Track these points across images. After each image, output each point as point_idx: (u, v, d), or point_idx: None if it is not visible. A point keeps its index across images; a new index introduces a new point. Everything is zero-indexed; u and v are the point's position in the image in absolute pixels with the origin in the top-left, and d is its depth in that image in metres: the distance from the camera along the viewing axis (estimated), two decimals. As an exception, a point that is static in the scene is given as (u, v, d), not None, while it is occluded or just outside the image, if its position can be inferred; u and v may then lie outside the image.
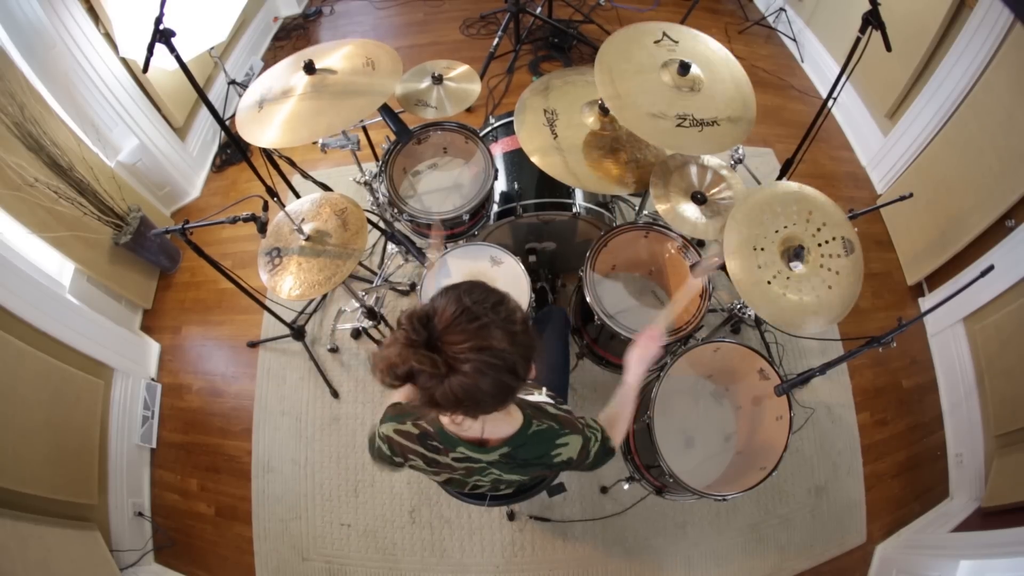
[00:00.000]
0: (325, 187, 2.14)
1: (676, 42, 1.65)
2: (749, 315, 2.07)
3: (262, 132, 1.59)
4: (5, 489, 1.72)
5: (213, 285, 2.69)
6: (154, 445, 2.39)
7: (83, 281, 2.30)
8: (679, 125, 1.50)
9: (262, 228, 1.63)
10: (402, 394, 1.12)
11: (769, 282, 1.45)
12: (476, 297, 0.80)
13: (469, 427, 0.94)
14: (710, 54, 1.64)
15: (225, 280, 1.82)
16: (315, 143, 1.82)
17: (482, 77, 3.04)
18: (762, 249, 1.47)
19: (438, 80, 1.94)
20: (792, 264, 1.47)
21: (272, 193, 1.95)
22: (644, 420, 1.57)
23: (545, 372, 1.65)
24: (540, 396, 1.12)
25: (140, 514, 2.24)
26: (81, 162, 2.23)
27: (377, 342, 2.40)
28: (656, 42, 1.64)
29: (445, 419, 0.96)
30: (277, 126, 1.58)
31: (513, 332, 0.80)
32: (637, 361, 1.27)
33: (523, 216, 1.94)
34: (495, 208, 2.04)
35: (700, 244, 2.48)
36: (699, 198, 1.69)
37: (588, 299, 1.73)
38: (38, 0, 2.07)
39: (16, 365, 1.85)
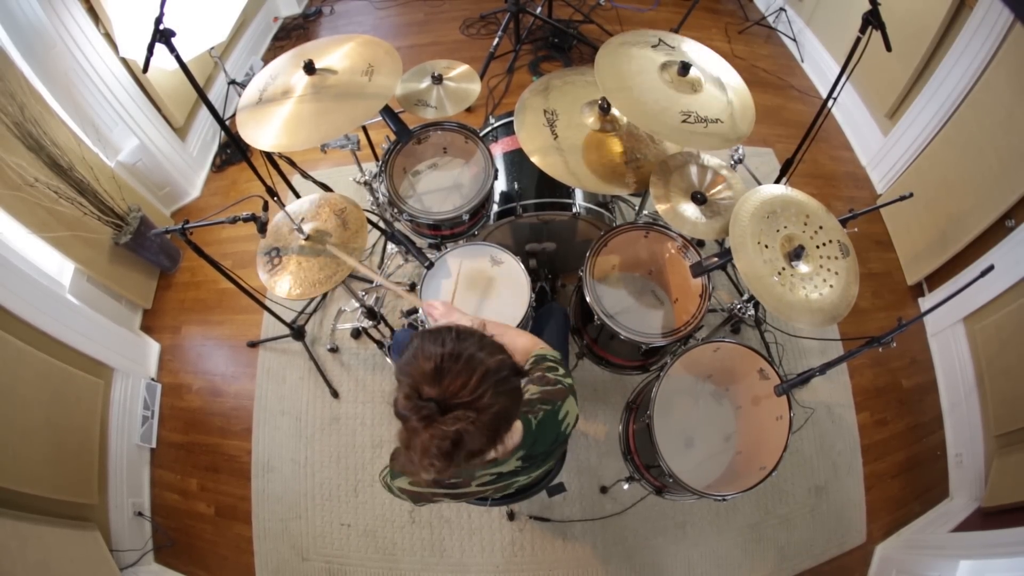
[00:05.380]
0: (325, 187, 2.15)
1: (673, 47, 1.65)
2: (749, 315, 2.07)
3: (262, 134, 1.58)
4: (5, 489, 1.72)
5: (213, 285, 2.69)
6: (154, 445, 2.39)
7: (83, 281, 2.30)
8: (684, 121, 1.51)
9: (262, 228, 1.63)
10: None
11: (778, 274, 1.46)
12: (439, 339, 0.82)
13: None
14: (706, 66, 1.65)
15: (225, 280, 1.82)
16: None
17: (482, 77, 3.04)
18: (766, 246, 1.48)
19: (438, 80, 1.94)
20: (793, 263, 1.47)
21: (272, 193, 1.95)
22: (644, 420, 1.57)
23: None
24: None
25: (140, 514, 2.24)
26: (81, 162, 2.23)
27: (377, 342, 2.40)
28: (653, 47, 1.65)
29: None
30: (277, 129, 1.58)
31: (487, 346, 0.83)
32: (454, 316, 1.26)
33: (523, 216, 1.94)
34: (495, 208, 2.04)
35: (700, 244, 2.48)
36: (699, 198, 1.69)
37: (588, 299, 1.73)
38: (38, 0, 2.07)
39: (16, 365, 1.85)
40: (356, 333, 2.49)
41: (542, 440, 1.00)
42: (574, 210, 1.95)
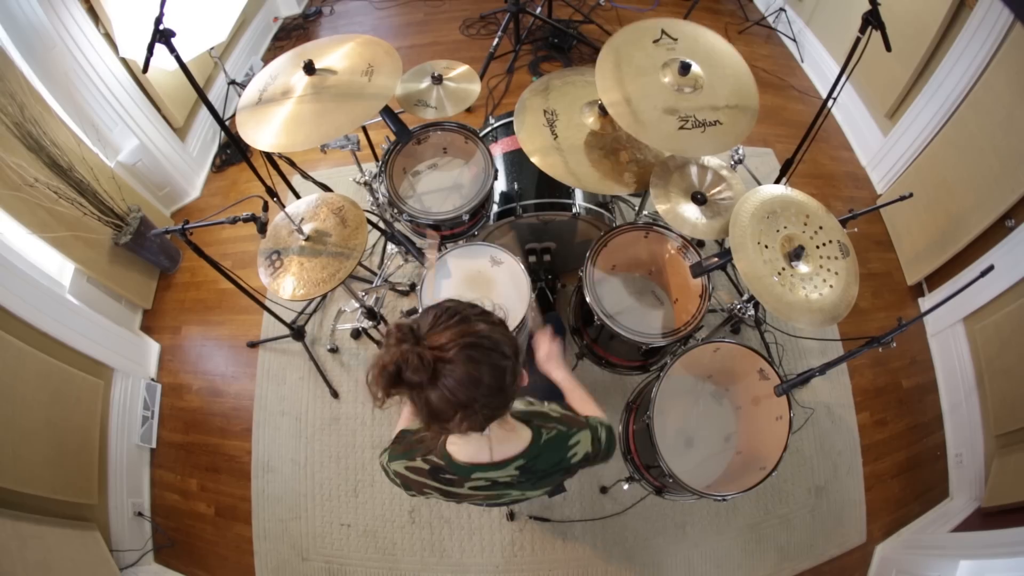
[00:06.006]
0: (325, 187, 2.14)
1: (675, 40, 1.64)
2: (749, 315, 2.07)
3: (262, 135, 1.58)
4: (5, 489, 1.72)
5: (213, 285, 2.69)
6: (154, 445, 2.39)
7: (83, 281, 2.30)
8: (682, 128, 1.50)
9: (262, 228, 1.63)
10: (405, 420, 1.16)
11: (778, 274, 1.46)
12: (453, 303, 0.85)
13: (478, 449, 0.94)
14: (710, 48, 1.65)
15: (225, 280, 1.82)
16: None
17: (482, 77, 3.04)
18: (766, 246, 1.48)
19: (438, 80, 1.94)
20: (793, 263, 1.48)
21: (272, 193, 1.95)
22: (644, 420, 1.57)
23: (541, 378, 1.65)
24: (545, 407, 1.12)
25: (140, 514, 2.24)
26: (81, 162, 2.24)
27: (377, 342, 2.40)
28: (655, 41, 1.64)
29: (453, 447, 0.96)
30: (277, 129, 1.58)
31: (492, 322, 0.85)
32: (551, 365, 1.34)
33: (523, 216, 1.94)
34: (495, 208, 2.04)
35: (700, 244, 2.48)
36: (699, 198, 1.69)
37: (588, 299, 1.73)
38: (38, 0, 2.08)
39: (16, 365, 1.85)
40: (356, 333, 2.49)
41: (545, 458, 1.00)
42: (574, 210, 1.95)
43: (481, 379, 0.78)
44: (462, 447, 0.96)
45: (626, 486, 1.94)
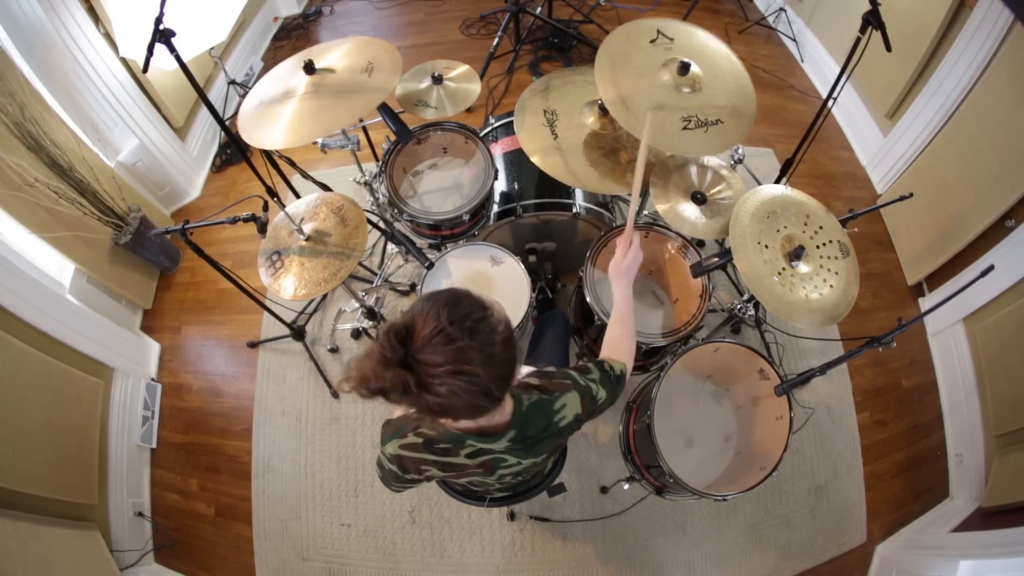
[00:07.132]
0: (325, 187, 2.14)
1: (672, 39, 1.64)
2: (749, 315, 2.07)
3: (261, 134, 1.58)
4: (5, 489, 1.72)
5: (213, 285, 2.69)
6: (154, 445, 2.39)
7: (83, 281, 2.30)
8: (685, 128, 1.50)
9: (262, 228, 1.63)
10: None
11: (778, 274, 1.46)
12: (457, 314, 0.79)
13: (464, 422, 0.95)
14: (706, 48, 1.64)
15: (225, 280, 1.83)
16: (315, 143, 1.82)
17: (482, 77, 3.04)
18: (766, 246, 1.48)
19: (438, 80, 1.94)
20: (793, 263, 1.48)
21: (272, 193, 1.95)
22: (644, 420, 1.57)
23: (546, 349, 1.66)
24: (521, 372, 1.12)
25: (140, 514, 2.24)
26: (81, 162, 2.24)
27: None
28: (652, 41, 1.63)
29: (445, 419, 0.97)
30: (276, 127, 1.58)
31: (491, 354, 0.79)
32: (616, 273, 1.31)
33: (523, 216, 1.94)
34: (495, 208, 2.04)
35: (700, 244, 2.48)
36: (699, 198, 1.69)
37: (588, 299, 1.73)
38: (38, 0, 2.08)
39: (16, 365, 1.85)
40: (356, 333, 2.49)
41: (532, 424, 0.99)
42: (574, 210, 1.95)
43: (460, 408, 0.81)
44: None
45: (626, 486, 1.94)
